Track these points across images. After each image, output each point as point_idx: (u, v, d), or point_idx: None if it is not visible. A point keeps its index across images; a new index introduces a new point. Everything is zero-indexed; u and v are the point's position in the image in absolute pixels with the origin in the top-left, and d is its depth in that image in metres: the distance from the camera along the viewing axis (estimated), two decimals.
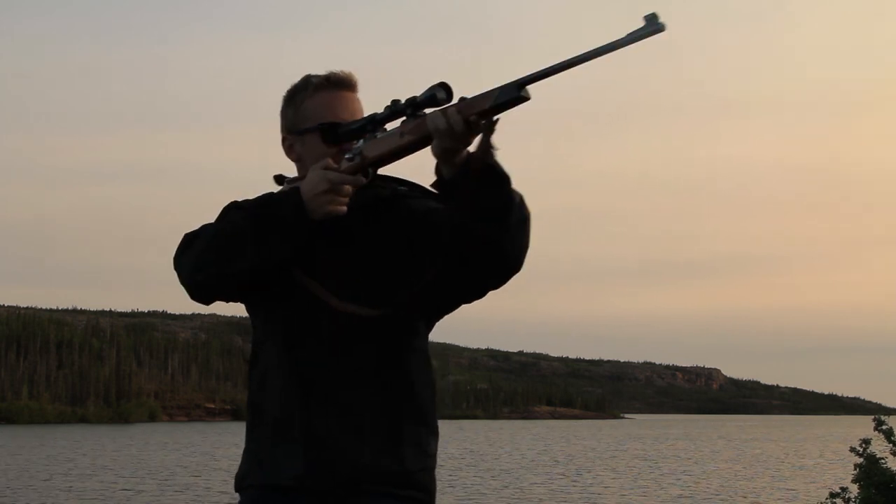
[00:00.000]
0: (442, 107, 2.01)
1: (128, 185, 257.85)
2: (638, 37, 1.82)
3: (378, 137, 2.11)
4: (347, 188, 2.07)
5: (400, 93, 2.21)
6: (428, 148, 2.03)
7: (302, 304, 2.14)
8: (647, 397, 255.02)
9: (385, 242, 2.17)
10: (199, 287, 2.15)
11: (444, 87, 2.02)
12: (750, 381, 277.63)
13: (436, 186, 2.08)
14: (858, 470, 7.90)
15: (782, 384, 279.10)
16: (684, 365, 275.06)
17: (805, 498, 22.67)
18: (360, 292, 2.13)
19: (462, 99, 2.00)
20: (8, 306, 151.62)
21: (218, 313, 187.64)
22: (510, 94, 1.93)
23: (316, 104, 2.20)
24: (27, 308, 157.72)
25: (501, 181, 2.02)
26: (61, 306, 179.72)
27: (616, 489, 25.99)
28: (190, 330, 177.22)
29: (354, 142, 2.14)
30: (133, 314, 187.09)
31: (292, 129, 2.23)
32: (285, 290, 2.15)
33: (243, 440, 2.24)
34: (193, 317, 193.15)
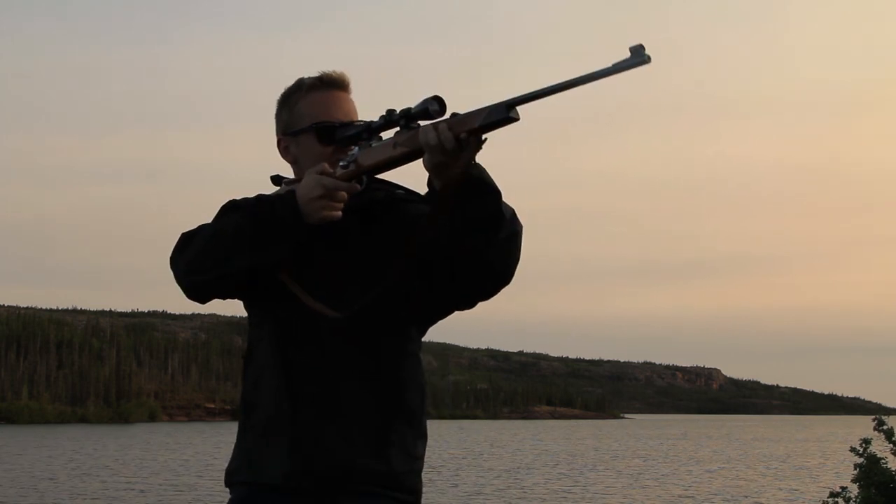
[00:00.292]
0: (434, 121, 2.04)
1: (128, 185, 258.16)
2: (623, 68, 1.85)
3: (373, 146, 2.13)
4: (342, 194, 2.09)
5: (400, 92, 2.24)
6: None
7: (294, 306, 2.16)
8: (647, 397, 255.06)
9: (378, 246, 2.19)
10: (195, 287, 2.17)
11: (438, 101, 2.04)
12: (750, 381, 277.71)
13: (428, 197, 2.11)
14: (858, 470, 7.91)
15: (782, 384, 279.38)
16: (684, 365, 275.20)
17: (805, 498, 22.68)
18: (338, 295, 2.15)
19: (454, 115, 2.02)
20: (8, 306, 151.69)
21: (218, 313, 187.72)
22: (499, 115, 1.97)
23: (309, 104, 2.22)
24: (27, 308, 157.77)
25: (491, 194, 2.05)
26: (61, 306, 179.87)
27: (617, 489, 26.01)
28: (190, 330, 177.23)
29: (349, 148, 2.16)
30: (133, 314, 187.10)
31: (287, 131, 2.25)
32: (277, 291, 2.17)
33: None
34: (193, 317, 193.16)
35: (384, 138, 2.14)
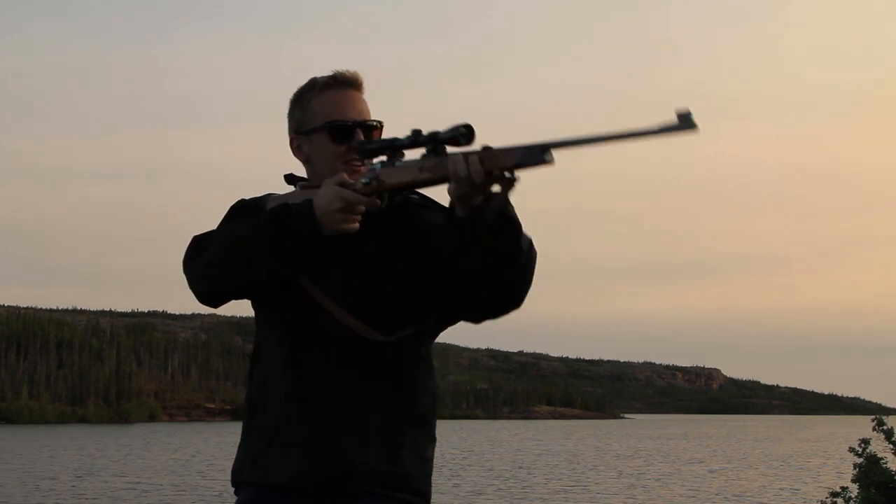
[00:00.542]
0: (463, 150, 2.01)
1: (127, 185, 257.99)
2: (668, 130, 1.82)
3: (396, 165, 2.10)
4: (361, 207, 2.08)
5: (400, 92, 2.24)
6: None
7: (306, 307, 2.16)
8: (647, 397, 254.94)
9: (391, 250, 2.18)
10: (209, 294, 2.19)
11: (468, 129, 2.01)
12: (750, 381, 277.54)
13: (451, 221, 2.08)
14: (858, 470, 7.92)
15: (782, 384, 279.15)
16: (684, 365, 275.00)
17: (805, 498, 22.68)
18: (362, 307, 2.14)
19: (486, 149, 1.99)
20: (8, 306, 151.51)
21: (218, 313, 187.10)
22: (535, 158, 1.95)
23: (323, 103, 2.20)
24: (27, 308, 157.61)
25: (513, 228, 2.05)
26: (61, 306, 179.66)
27: (618, 489, 26.01)
28: (190, 330, 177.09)
29: (370, 161, 2.14)
30: (133, 314, 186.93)
31: (300, 130, 2.24)
32: (290, 294, 2.16)
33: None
34: (193, 317, 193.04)
35: (406, 157, 2.11)
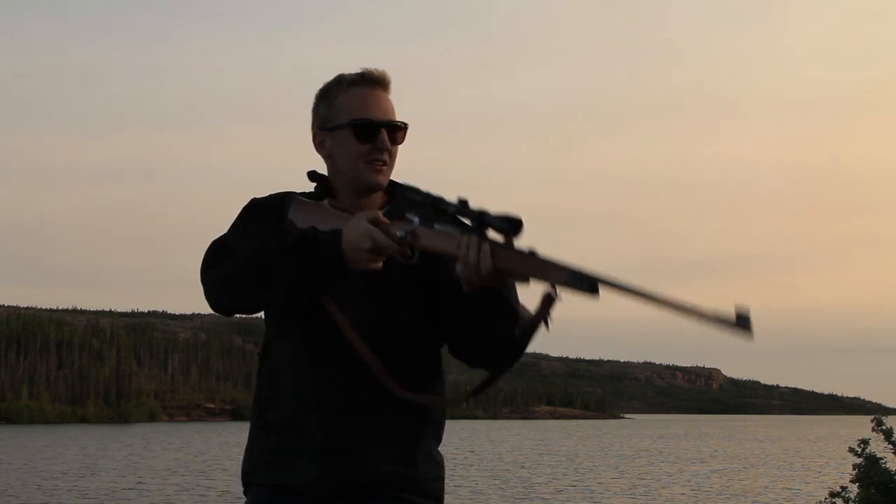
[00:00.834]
0: (493, 241, 1.95)
1: (127, 185, 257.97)
2: (723, 323, 1.74)
3: (436, 228, 2.04)
4: (389, 252, 2.04)
5: (400, 92, 2.20)
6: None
7: (322, 321, 2.14)
8: (647, 397, 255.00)
9: (409, 271, 2.16)
10: (224, 307, 2.17)
11: (518, 223, 1.94)
12: (750, 381, 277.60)
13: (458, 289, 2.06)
14: (858, 470, 7.92)
15: (782, 384, 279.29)
16: (684, 365, 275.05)
17: (805, 498, 22.70)
18: (378, 337, 2.13)
19: (532, 253, 1.93)
20: (8, 306, 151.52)
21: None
22: (582, 286, 1.87)
23: (349, 100, 2.18)
24: (27, 308, 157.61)
25: (514, 315, 2.06)
26: (61, 306, 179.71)
27: (619, 489, 26.04)
28: (190, 330, 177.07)
29: (408, 216, 2.06)
30: (133, 314, 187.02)
31: (324, 126, 2.21)
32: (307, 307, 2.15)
33: (245, 440, 2.24)
34: (193, 317, 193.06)
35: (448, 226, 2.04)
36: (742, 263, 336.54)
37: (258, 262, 2.06)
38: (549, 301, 1.96)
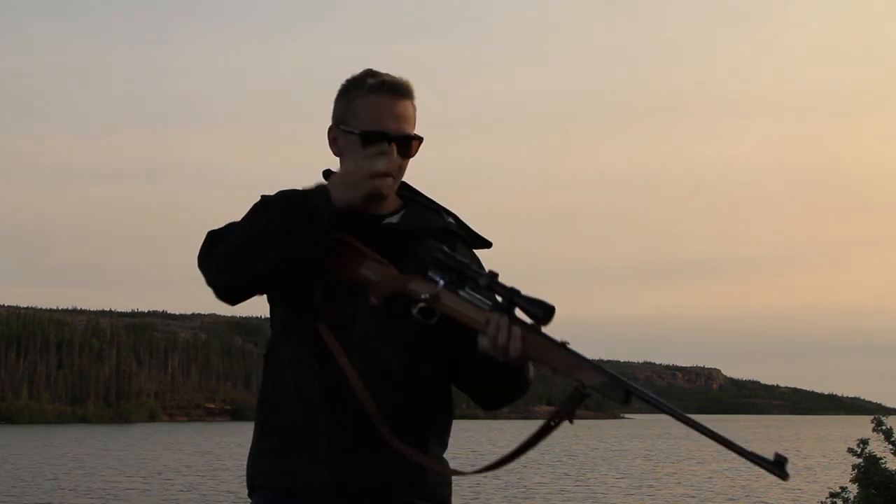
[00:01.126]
0: (524, 324, 1.93)
1: (128, 185, 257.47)
2: (758, 462, 1.81)
3: (461, 295, 2.00)
4: (383, 168, 2.08)
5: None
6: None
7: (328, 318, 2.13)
8: None
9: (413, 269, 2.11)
10: (228, 288, 2.12)
11: (550, 311, 1.91)
12: (750, 381, 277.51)
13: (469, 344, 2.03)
14: (857, 470, 7.95)
15: (782, 384, 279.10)
16: (684, 365, 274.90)
17: (805, 498, 22.73)
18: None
19: (564, 345, 1.91)
20: (8, 306, 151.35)
21: (218, 313, 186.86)
22: (615, 395, 1.89)
23: (366, 106, 2.14)
24: (27, 308, 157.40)
25: (524, 383, 2.09)
26: (61, 306, 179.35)
27: (620, 489, 26.09)
28: (190, 330, 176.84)
29: (434, 273, 2.02)
30: (133, 314, 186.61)
31: (339, 124, 2.19)
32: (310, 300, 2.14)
33: (245, 440, 2.23)
34: (193, 317, 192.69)
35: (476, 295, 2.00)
36: (742, 263, 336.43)
37: (252, 232, 2.05)
38: (581, 399, 1.92)
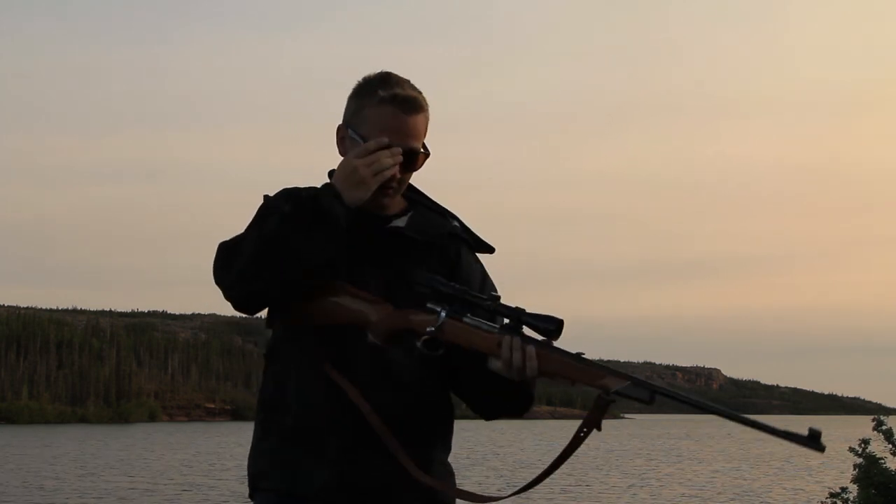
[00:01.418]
0: (537, 342, 1.95)
1: (128, 185, 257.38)
2: (794, 440, 1.84)
3: (467, 323, 2.00)
4: (385, 161, 2.06)
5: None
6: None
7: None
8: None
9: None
10: (249, 298, 2.08)
11: (558, 326, 1.95)
12: (750, 381, 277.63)
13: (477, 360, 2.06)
14: (858, 470, 7.97)
15: (782, 384, 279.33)
16: (684, 365, 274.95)
17: (805, 498, 22.77)
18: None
19: (580, 356, 1.94)
20: (8, 306, 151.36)
21: (218, 313, 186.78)
22: (641, 396, 1.92)
23: (374, 116, 2.11)
24: (27, 308, 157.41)
25: (532, 398, 2.14)
26: (61, 306, 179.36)
27: (621, 488, 26.10)
28: (190, 330, 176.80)
29: (434, 305, 2.02)
30: (133, 314, 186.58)
31: (348, 125, 2.16)
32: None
33: (245, 440, 2.21)
34: (193, 317, 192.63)
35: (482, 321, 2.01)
36: (742, 263, 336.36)
37: (267, 240, 2.00)
38: (606, 405, 1.95)
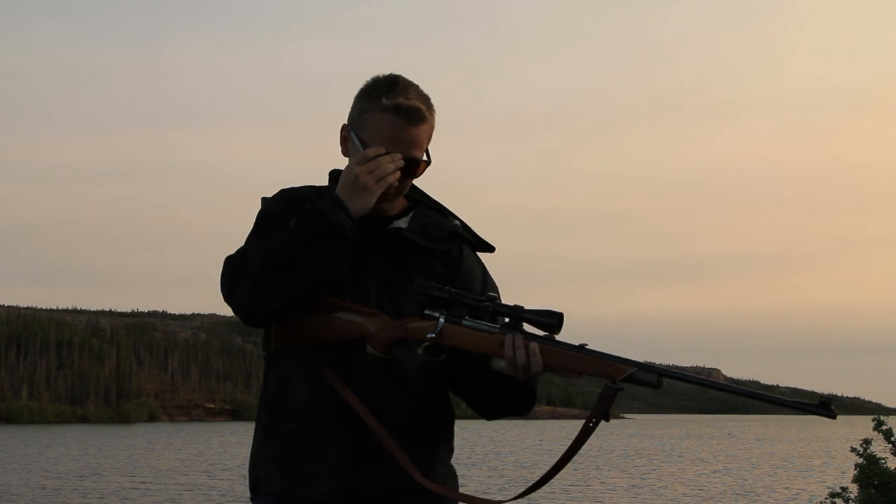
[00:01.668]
0: (540, 338, 1.96)
1: (128, 185, 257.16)
2: (806, 409, 1.86)
3: (466, 326, 2.01)
4: (382, 168, 2.05)
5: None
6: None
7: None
8: (647, 397, 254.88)
9: (428, 274, 2.15)
10: (260, 318, 2.08)
11: (559, 319, 1.96)
12: (750, 381, 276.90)
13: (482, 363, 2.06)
14: (858, 470, 7.98)
15: (782, 384, 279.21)
16: (684, 365, 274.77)
17: (805, 498, 22.81)
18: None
19: (583, 347, 1.94)
20: (8, 306, 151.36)
21: (218, 313, 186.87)
22: (649, 380, 1.92)
23: (376, 124, 2.11)
24: (27, 308, 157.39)
25: (535, 397, 2.13)
26: (61, 306, 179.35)
27: (622, 488, 26.11)
28: (190, 330, 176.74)
29: (431, 311, 2.03)
30: (133, 314, 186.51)
31: (351, 126, 2.16)
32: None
33: (245, 440, 2.26)
34: (193, 317, 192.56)
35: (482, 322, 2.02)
36: (742, 263, 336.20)
37: (274, 258, 2.00)
38: (613, 394, 1.95)
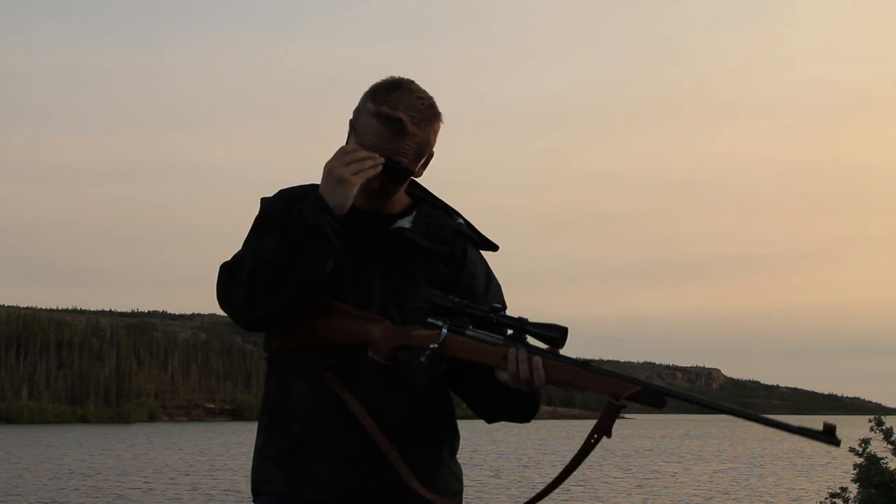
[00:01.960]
0: (543, 352, 1.98)
1: (127, 185, 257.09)
2: (809, 435, 1.90)
3: (469, 336, 2.01)
4: (359, 157, 2.06)
5: None
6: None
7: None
8: None
9: (431, 274, 2.16)
10: (255, 323, 2.09)
11: (563, 334, 1.98)
12: (750, 381, 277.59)
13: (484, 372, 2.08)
14: (858, 470, 8.00)
15: (782, 384, 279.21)
16: (684, 365, 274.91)
17: (805, 498, 22.82)
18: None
19: (587, 364, 1.96)
20: (8, 306, 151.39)
21: (218, 313, 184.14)
22: (653, 400, 1.93)
23: (364, 126, 2.13)
24: (27, 308, 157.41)
25: (538, 405, 2.18)
26: (61, 306, 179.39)
27: (623, 488, 26.13)
28: (190, 330, 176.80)
29: (434, 320, 2.03)
30: (133, 314, 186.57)
31: (351, 122, 2.18)
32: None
33: (245, 440, 2.27)
34: (193, 317, 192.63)
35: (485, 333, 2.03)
36: (742, 263, 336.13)
37: (263, 264, 2.01)
38: (616, 412, 1.97)
